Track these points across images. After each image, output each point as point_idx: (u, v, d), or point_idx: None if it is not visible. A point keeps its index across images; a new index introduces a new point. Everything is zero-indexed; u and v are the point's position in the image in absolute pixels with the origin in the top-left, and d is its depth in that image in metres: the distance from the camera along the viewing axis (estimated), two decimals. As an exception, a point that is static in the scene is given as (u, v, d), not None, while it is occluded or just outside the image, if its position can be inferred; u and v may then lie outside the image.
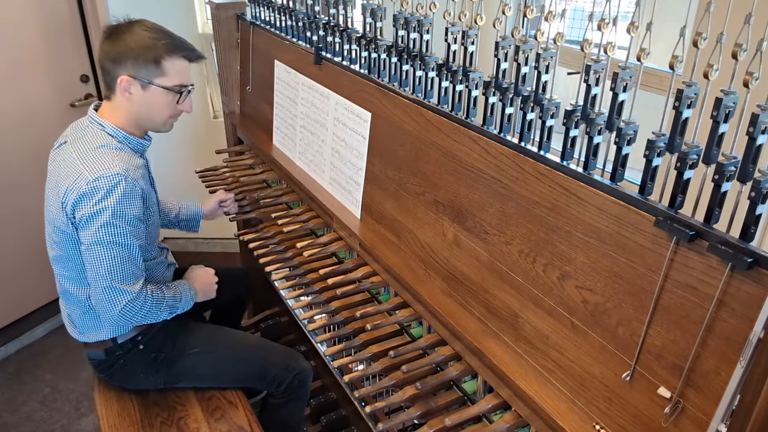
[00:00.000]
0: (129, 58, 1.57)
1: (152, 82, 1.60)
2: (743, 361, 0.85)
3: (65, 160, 1.58)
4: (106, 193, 1.50)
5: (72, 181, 1.53)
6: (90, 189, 1.50)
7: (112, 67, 1.59)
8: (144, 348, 1.76)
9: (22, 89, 2.68)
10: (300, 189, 2.02)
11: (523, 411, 1.20)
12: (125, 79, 1.58)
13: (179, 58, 1.63)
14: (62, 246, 1.63)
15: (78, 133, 1.64)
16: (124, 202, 1.52)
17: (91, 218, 1.51)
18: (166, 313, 1.69)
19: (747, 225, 0.91)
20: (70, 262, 1.65)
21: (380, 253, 1.60)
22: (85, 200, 1.51)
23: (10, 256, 2.79)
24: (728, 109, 0.92)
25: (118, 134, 1.63)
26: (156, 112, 1.66)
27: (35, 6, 2.64)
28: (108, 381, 1.84)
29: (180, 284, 1.77)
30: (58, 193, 1.57)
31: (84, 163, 1.54)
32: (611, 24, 1.07)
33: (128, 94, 1.60)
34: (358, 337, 1.50)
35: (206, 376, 1.84)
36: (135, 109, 1.63)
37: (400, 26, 1.56)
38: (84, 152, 1.57)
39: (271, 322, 2.55)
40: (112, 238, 1.52)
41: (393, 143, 1.61)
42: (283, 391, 1.88)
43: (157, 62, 1.59)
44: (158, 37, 1.60)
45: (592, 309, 1.10)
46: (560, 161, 1.17)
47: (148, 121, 1.67)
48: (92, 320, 1.72)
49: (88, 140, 1.60)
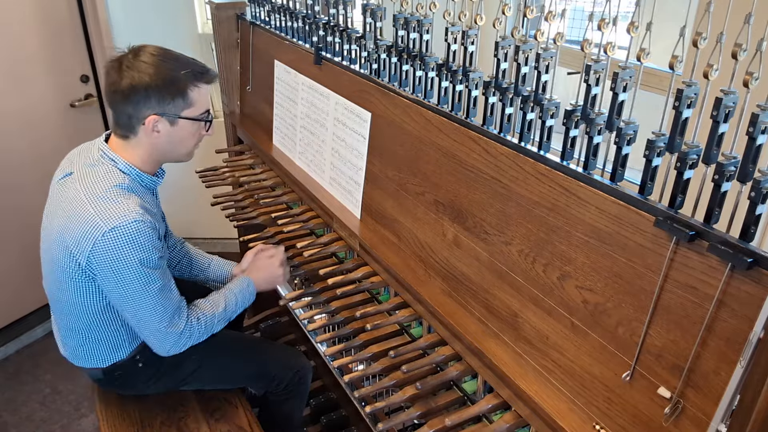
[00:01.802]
0: (152, 95, 1.45)
1: (180, 115, 1.50)
2: (743, 361, 0.85)
3: (73, 199, 1.46)
4: (127, 244, 1.41)
5: (85, 229, 1.42)
6: (108, 240, 1.40)
7: (132, 108, 1.46)
8: (143, 366, 1.72)
9: (22, 89, 2.68)
10: (300, 189, 2.02)
11: (523, 411, 1.20)
12: (153, 118, 1.47)
13: (202, 85, 1.53)
14: (62, 285, 1.54)
15: (87, 168, 1.51)
16: (147, 247, 1.44)
17: (117, 272, 1.43)
18: (221, 324, 1.67)
19: (747, 225, 0.91)
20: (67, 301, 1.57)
21: (380, 253, 1.60)
22: (103, 252, 1.41)
23: (10, 256, 2.79)
24: (728, 109, 0.92)
25: (131, 172, 1.53)
26: (183, 145, 1.57)
27: (35, 6, 2.64)
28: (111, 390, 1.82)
29: (233, 287, 1.71)
30: (66, 237, 1.46)
31: (96, 209, 1.42)
32: (611, 24, 1.06)
33: (156, 133, 1.50)
34: (358, 337, 1.50)
35: (208, 379, 1.83)
36: (161, 146, 1.53)
37: (400, 26, 1.56)
38: (95, 195, 1.44)
39: (271, 322, 2.55)
40: (145, 287, 1.46)
41: (393, 143, 1.61)
42: (284, 389, 1.88)
43: (183, 95, 1.48)
44: (176, 66, 1.48)
45: (592, 309, 1.10)
46: (560, 161, 1.17)
47: (172, 155, 1.58)
48: (87, 351, 1.66)
49: (99, 179, 1.48)
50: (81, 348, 1.66)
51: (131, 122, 1.49)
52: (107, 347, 1.65)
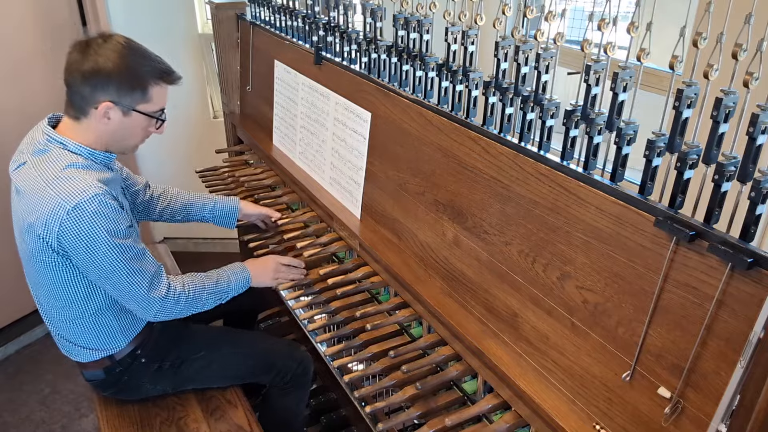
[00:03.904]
0: (112, 83, 1.46)
1: (135, 108, 1.51)
2: (743, 361, 0.85)
3: (31, 187, 1.47)
4: (92, 218, 1.42)
5: (48, 211, 1.42)
6: (73, 218, 1.40)
7: (89, 90, 1.47)
8: (146, 360, 1.71)
9: (21, 89, 2.68)
10: (300, 189, 2.02)
11: (523, 411, 1.20)
12: (107, 105, 1.47)
13: (164, 84, 1.54)
14: (42, 274, 1.54)
15: (37, 156, 1.51)
16: (112, 218, 1.44)
17: (88, 247, 1.43)
18: (212, 300, 1.65)
19: (747, 225, 0.91)
20: (50, 289, 1.57)
21: (380, 253, 1.60)
22: (71, 230, 1.42)
23: (10, 256, 2.79)
24: (728, 109, 0.92)
25: (82, 151, 1.52)
26: (131, 137, 1.58)
27: (35, 6, 2.64)
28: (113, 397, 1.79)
29: (229, 268, 1.71)
30: (32, 224, 1.46)
31: (56, 190, 1.42)
32: (611, 24, 1.07)
33: (106, 119, 1.50)
34: (358, 337, 1.50)
35: (215, 377, 1.82)
36: (109, 133, 1.53)
37: (400, 26, 1.56)
38: (51, 177, 1.45)
39: (271, 322, 2.55)
40: (118, 256, 1.46)
41: (393, 143, 1.61)
42: (289, 380, 1.88)
43: (143, 89, 1.50)
44: (142, 61, 1.50)
45: (592, 309, 1.10)
46: (560, 161, 1.17)
47: (118, 145, 1.58)
48: (82, 342, 1.64)
49: (52, 161, 1.48)
50: (74, 338, 1.64)
51: (83, 104, 1.50)
52: (99, 334, 1.63)
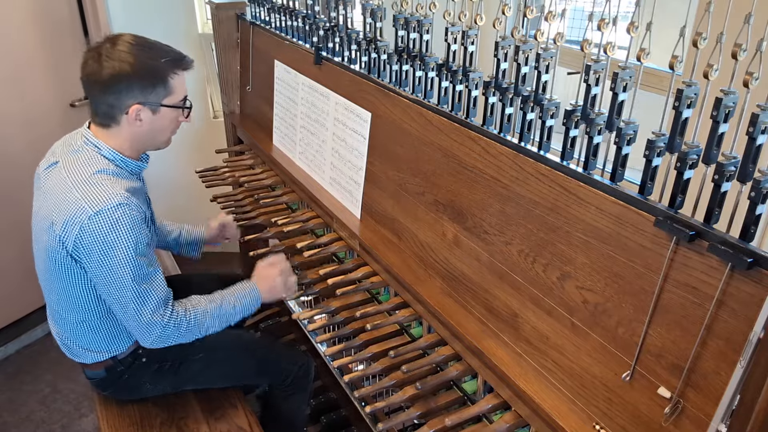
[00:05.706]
0: (135, 84, 1.46)
1: (162, 103, 1.52)
2: (743, 361, 0.85)
3: (59, 186, 1.47)
4: (113, 226, 1.41)
5: (71, 213, 1.42)
6: (94, 223, 1.40)
7: (114, 98, 1.47)
8: (147, 360, 1.70)
9: (22, 89, 2.68)
10: (300, 189, 2.02)
11: (523, 411, 1.20)
12: (137, 107, 1.48)
13: (181, 71, 1.55)
14: (54, 274, 1.54)
15: (71, 156, 1.51)
16: (133, 231, 1.43)
17: (102, 255, 1.42)
18: (217, 324, 1.61)
19: (747, 225, 0.91)
20: (60, 290, 1.56)
21: (380, 253, 1.60)
22: (89, 235, 1.41)
23: (10, 255, 2.79)
24: (728, 109, 0.92)
25: (115, 157, 1.53)
26: (163, 133, 1.59)
27: (35, 6, 2.64)
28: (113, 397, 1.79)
29: (238, 288, 1.67)
30: (53, 223, 1.45)
31: (82, 193, 1.42)
32: (611, 24, 1.07)
33: (139, 121, 1.51)
34: (358, 337, 1.50)
35: (215, 377, 1.82)
36: (143, 134, 1.54)
37: (400, 26, 1.56)
38: (80, 180, 1.45)
39: (271, 322, 2.55)
40: (130, 272, 1.44)
41: (393, 143, 1.61)
42: (290, 383, 1.88)
43: (164, 83, 1.50)
44: (156, 54, 1.49)
45: (592, 309, 1.10)
46: (560, 161, 1.17)
47: (152, 143, 1.59)
48: (86, 344, 1.64)
49: (83, 164, 1.48)
50: (78, 340, 1.64)
51: (112, 111, 1.49)
52: (104, 338, 1.63)
